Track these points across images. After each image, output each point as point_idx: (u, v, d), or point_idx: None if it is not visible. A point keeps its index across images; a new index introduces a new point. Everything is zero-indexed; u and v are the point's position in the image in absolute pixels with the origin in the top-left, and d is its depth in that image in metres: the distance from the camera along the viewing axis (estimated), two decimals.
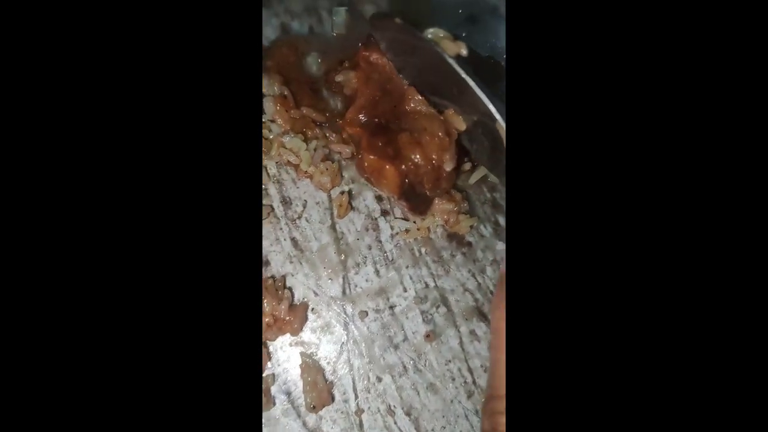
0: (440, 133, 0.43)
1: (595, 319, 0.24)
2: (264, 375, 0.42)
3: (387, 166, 0.43)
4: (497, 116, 0.38)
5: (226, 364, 0.25)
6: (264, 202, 0.47)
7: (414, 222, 0.47)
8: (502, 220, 0.48)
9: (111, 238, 0.25)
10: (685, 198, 0.24)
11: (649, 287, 0.24)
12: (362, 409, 0.42)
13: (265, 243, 0.46)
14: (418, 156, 0.43)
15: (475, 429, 0.42)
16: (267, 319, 0.42)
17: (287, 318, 0.43)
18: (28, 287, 0.24)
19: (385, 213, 0.47)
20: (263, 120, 0.47)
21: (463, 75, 0.38)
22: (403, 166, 0.43)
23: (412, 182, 0.44)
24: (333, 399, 0.42)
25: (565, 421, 0.24)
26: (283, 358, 0.43)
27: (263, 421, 0.42)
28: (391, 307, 0.45)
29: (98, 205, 0.25)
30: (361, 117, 0.45)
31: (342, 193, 0.47)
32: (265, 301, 0.42)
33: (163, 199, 0.25)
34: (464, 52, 0.41)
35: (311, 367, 0.42)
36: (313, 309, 0.45)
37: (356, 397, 0.43)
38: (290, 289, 0.45)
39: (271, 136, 0.47)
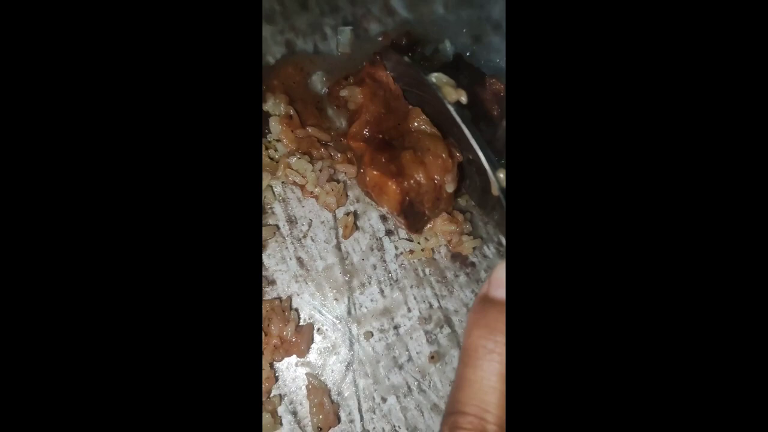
0: (443, 155, 0.43)
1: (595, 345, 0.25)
2: (271, 396, 0.43)
3: (389, 183, 0.43)
4: (486, 166, 0.39)
5: (226, 383, 0.26)
6: (270, 221, 0.47)
7: (418, 242, 0.47)
8: (505, 241, 0.49)
9: (114, 261, 0.25)
10: (679, 231, 0.25)
11: (647, 308, 0.25)
12: (368, 430, 0.43)
13: (271, 262, 0.46)
14: (421, 175, 0.43)
15: None
16: (274, 341, 0.43)
17: (294, 339, 0.43)
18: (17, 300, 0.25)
19: (389, 233, 0.48)
20: (269, 140, 0.48)
21: (459, 122, 0.40)
22: (406, 184, 0.44)
23: (412, 200, 0.44)
24: (339, 420, 0.43)
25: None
26: (290, 378, 0.44)
27: None
28: (396, 328, 0.46)
29: (101, 224, 0.26)
30: (366, 132, 0.46)
31: (347, 213, 0.47)
32: (272, 322, 0.43)
33: (166, 216, 0.26)
34: (464, 99, 0.42)
35: (317, 388, 0.43)
36: (318, 329, 0.45)
37: (361, 418, 0.43)
38: (296, 309, 0.45)
39: (277, 156, 0.47)
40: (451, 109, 0.41)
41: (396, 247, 0.48)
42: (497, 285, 0.31)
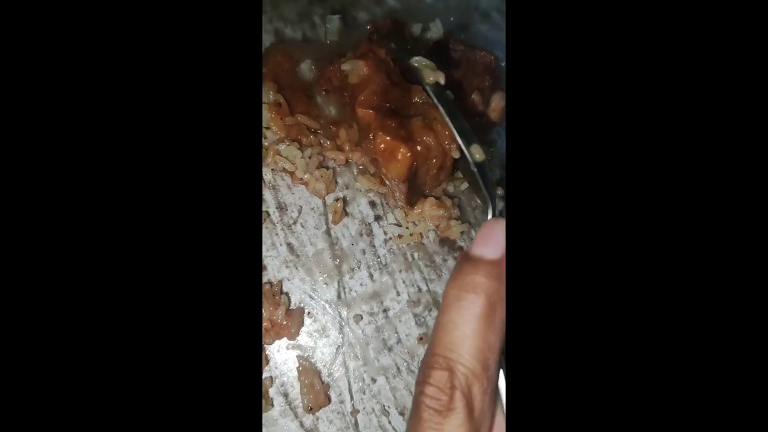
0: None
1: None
2: (262, 377, 0.44)
3: (401, 147, 0.43)
4: (462, 146, 0.40)
5: (227, 368, 0.27)
6: None
7: (407, 227, 0.48)
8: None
9: (114, 247, 0.26)
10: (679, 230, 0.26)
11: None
12: (357, 409, 0.44)
13: (262, 248, 0.47)
14: (431, 138, 0.44)
15: None
16: (265, 324, 0.44)
17: (284, 322, 0.44)
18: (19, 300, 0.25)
19: (378, 218, 0.49)
20: None
21: (436, 102, 0.41)
22: (418, 148, 0.44)
23: (419, 167, 0.45)
24: (329, 400, 0.44)
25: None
26: (281, 361, 0.45)
27: (263, 422, 0.43)
28: (385, 311, 0.46)
29: (100, 215, 0.26)
30: (373, 101, 0.46)
31: (337, 199, 0.48)
32: (263, 306, 0.44)
33: (166, 207, 0.27)
34: (442, 80, 0.42)
35: (308, 369, 0.44)
36: (309, 313, 0.46)
37: (351, 398, 0.44)
38: (287, 294, 0.46)
39: (266, 144, 0.48)
40: (428, 88, 0.42)
41: (385, 232, 0.48)
42: (477, 243, 0.33)
